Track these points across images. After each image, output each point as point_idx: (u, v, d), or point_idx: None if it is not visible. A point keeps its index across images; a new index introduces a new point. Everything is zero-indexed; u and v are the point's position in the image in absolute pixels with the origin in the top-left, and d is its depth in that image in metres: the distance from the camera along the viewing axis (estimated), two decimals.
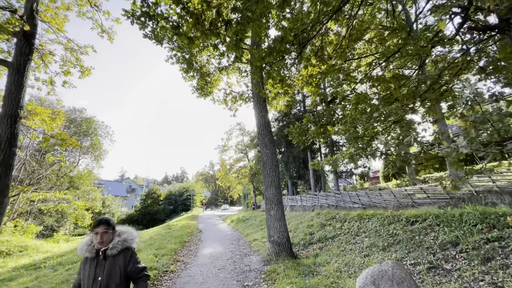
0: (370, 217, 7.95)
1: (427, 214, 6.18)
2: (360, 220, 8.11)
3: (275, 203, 7.62)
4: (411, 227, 6.12)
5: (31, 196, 12.90)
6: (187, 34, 3.99)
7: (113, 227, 2.06)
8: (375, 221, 7.50)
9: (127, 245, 2.01)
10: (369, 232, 7.08)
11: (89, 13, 9.34)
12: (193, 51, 9.98)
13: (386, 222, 7.07)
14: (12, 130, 6.39)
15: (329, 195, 22.27)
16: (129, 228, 2.19)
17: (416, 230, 5.90)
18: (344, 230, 8.02)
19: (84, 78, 9.14)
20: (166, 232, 12.69)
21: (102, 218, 2.10)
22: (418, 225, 6.07)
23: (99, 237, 1.93)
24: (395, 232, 6.27)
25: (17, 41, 6.97)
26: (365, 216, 8.19)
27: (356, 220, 8.29)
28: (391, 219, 7.07)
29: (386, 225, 6.93)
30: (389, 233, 6.40)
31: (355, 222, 8.20)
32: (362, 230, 7.38)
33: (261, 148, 8.39)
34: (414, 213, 6.65)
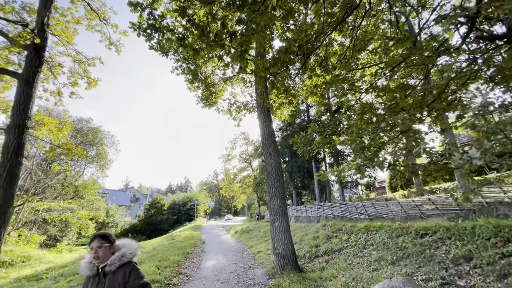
0: (378, 229, 7.74)
1: (437, 227, 5.98)
2: (367, 232, 7.90)
3: (280, 214, 7.49)
4: (421, 240, 5.92)
5: (36, 205, 12.94)
6: (192, 45, 4.04)
7: (110, 241, 1.95)
8: (383, 233, 7.30)
9: (125, 260, 1.89)
10: (377, 244, 6.87)
11: (98, 26, 9.59)
12: (198, 62, 10.12)
13: (395, 234, 6.86)
14: (19, 140, 6.46)
15: (335, 205, 21.90)
16: (128, 241, 2.06)
17: (426, 243, 5.70)
18: (351, 242, 7.81)
19: (91, 89, 9.30)
20: (169, 243, 12.53)
21: (98, 232, 2.02)
22: (428, 238, 5.87)
23: (93, 252, 1.86)
24: (404, 245, 6.07)
25: (27, 53, 7.15)
26: (372, 228, 7.98)
27: (363, 232, 8.08)
28: (400, 231, 6.87)
29: (394, 237, 6.72)
30: (398, 246, 6.20)
31: (362, 234, 7.98)
32: (370, 242, 7.17)
33: (265, 158, 8.33)
34: (424, 225, 6.45)
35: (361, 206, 18.54)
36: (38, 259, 11.21)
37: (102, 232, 2.01)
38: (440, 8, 4.28)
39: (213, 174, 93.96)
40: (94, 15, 9.34)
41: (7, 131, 6.44)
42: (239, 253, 10.42)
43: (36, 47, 7.09)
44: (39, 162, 17.32)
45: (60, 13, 8.73)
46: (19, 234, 13.79)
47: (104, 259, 1.86)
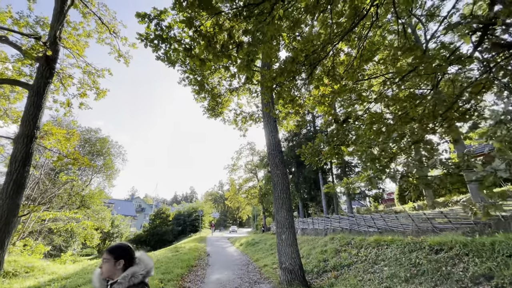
0: (389, 243, 7.43)
1: (453, 242, 5.68)
2: (377, 247, 7.58)
3: (287, 226, 7.27)
4: (436, 256, 5.61)
5: (42, 215, 12.97)
6: (199, 56, 4.04)
7: (117, 256, 1.77)
8: (394, 248, 6.98)
9: (135, 281, 1.68)
10: (388, 260, 6.56)
11: (108, 39, 9.85)
12: (205, 73, 10.23)
13: (407, 249, 6.55)
14: (27, 150, 6.51)
15: (343, 218, 21.34)
16: (145, 257, 1.84)
17: (442, 259, 5.40)
18: (360, 257, 7.49)
19: (100, 100, 9.44)
20: (173, 255, 12.30)
21: (110, 245, 1.89)
22: (443, 254, 5.57)
23: (100, 266, 1.76)
24: (418, 262, 5.76)
25: (39, 65, 7.33)
26: (383, 242, 7.66)
27: (373, 246, 7.76)
28: (412, 246, 6.56)
29: (407, 253, 6.41)
30: (412, 262, 5.89)
31: (372, 248, 7.66)
32: (381, 258, 6.86)
33: (272, 169, 8.20)
34: (438, 240, 6.14)
35: (370, 218, 18.01)
36: (41, 270, 11.09)
37: (111, 246, 1.88)
38: (449, 17, 4.20)
39: (218, 184, 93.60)
40: (105, 28, 9.61)
41: (15, 140, 6.53)
42: (244, 266, 10.13)
43: (47, 59, 7.28)
44: (47, 172, 17.52)
45: (72, 27, 9.02)
46: (25, 244, 13.76)
47: (107, 274, 1.72)
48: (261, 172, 46.72)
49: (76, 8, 8.72)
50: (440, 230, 11.37)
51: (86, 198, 26.23)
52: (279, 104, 5.90)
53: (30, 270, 10.85)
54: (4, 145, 11.07)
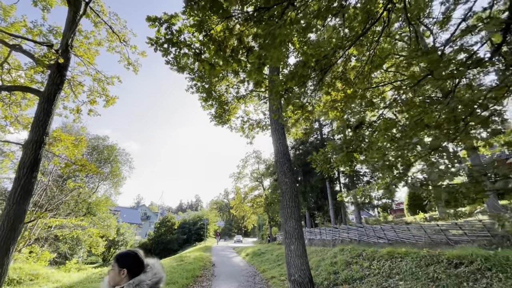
0: (403, 255, 7.09)
1: (474, 256, 5.36)
2: (391, 259, 7.25)
3: (296, 237, 7.02)
4: (456, 271, 5.30)
5: (48, 221, 12.98)
6: (209, 60, 3.99)
7: (121, 264, 1.68)
8: (409, 261, 6.65)
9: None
10: (403, 274, 6.23)
11: (118, 47, 10.00)
12: (213, 81, 10.26)
13: (423, 263, 6.22)
14: (36, 155, 6.52)
15: (351, 228, 20.79)
16: (156, 265, 1.72)
17: (462, 274, 5.08)
18: (373, 270, 7.15)
19: (109, 107, 9.51)
20: (178, 265, 12.07)
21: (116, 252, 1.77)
22: (463, 268, 5.26)
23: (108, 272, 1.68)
24: (436, 276, 5.44)
25: (50, 72, 7.44)
26: (397, 254, 7.33)
27: (386, 258, 7.42)
28: (429, 259, 6.23)
29: (423, 266, 6.08)
30: (429, 276, 5.57)
31: (385, 261, 7.33)
32: (395, 271, 6.53)
33: (280, 177, 8.02)
34: (457, 253, 5.82)
35: (379, 229, 17.49)
36: (46, 278, 11.00)
37: (118, 253, 1.79)
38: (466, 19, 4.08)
39: (224, 193, 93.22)
40: (115, 37, 9.78)
41: (25, 146, 6.55)
42: (251, 278, 9.82)
43: (59, 66, 7.38)
44: (55, 179, 17.69)
45: (84, 35, 9.19)
46: (31, 251, 13.75)
47: (112, 282, 1.65)
48: (267, 180, 46.36)
49: (88, 18, 8.91)
50: (455, 243, 10.89)
51: (93, 205, 26.32)
52: (288, 110, 5.80)
53: (35, 278, 10.77)
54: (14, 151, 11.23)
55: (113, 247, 34.16)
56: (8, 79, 8.15)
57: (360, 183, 22.62)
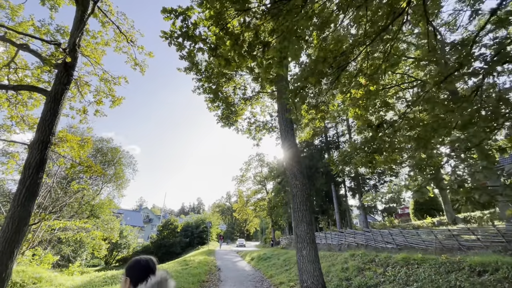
0: (420, 262, 6.79)
1: (499, 263, 5.08)
2: (407, 265, 6.95)
3: (308, 241, 6.77)
4: (480, 279, 5.01)
5: (52, 224, 12.83)
6: (224, 55, 3.82)
7: (127, 272, 1.54)
8: (427, 267, 6.36)
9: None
10: (422, 281, 5.94)
11: (125, 48, 9.91)
12: (221, 81, 10.11)
13: (443, 270, 5.93)
14: (42, 156, 6.37)
15: (358, 232, 20.41)
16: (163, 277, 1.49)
17: (488, 283, 4.80)
18: (388, 277, 6.86)
19: (115, 107, 9.38)
20: (183, 269, 11.82)
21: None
22: (488, 276, 4.97)
23: None
24: (459, 284, 5.16)
25: (57, 72, 7.33)
26: (413, 260, 7.03)
27: (401, 265, 7.13)
28: (449, 266, 5.94)
29: (443, 273, 5.80)
30: (451, 285, 5.29)
31: (401, 267, 7.03)
32: (413, 278, 6.24)
33: (290, 179, 7.79)
34: (479, 260, 5.53)
35: (387, 234, 17.11)
36: (49, 281, 10.80)
37: (128, 263, 1.62)
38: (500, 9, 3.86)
39: (226, 196, 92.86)
40: (122, 37, 9.69)
41: (30, 146, 6.41)
42: (259, 283, 9.54)
43: (66, 65, 7.27)
44: (59, 180, 17.60)
45: (91, 35, 9.11)
46: (34, 254, 13.58)
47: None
48: (270, 184, 46.04)
49: (95, 17, 8.84)
50: (467, 248, 10.54)
51: (96, 207, 26.19)
52: (302, 109, 5.60)
53: (38, 281, 10.57)
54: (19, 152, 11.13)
55: (116, 250, 33.93)
56: (15, 79, 8.05)
57: (366, 187, 22.27)
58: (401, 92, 5.79)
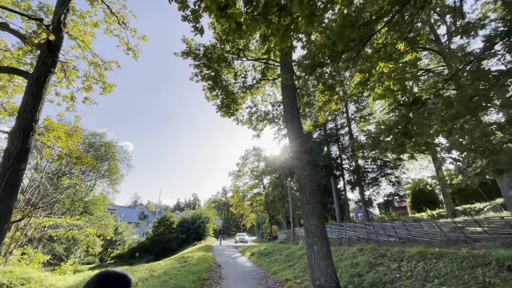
0: (438, 256, 6.37)
1: None
2: (423, 260, 6.53)
3: (319, 236, 6.27)
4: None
5: (41, 221, 12.09)
6: (235, 17, 3.20)
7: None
8: (447, 262, 5.93)
9: None
10: (443, 277, 5.51)
11: (116, 30, 9.14)
12: (222, 65, 9.43)
13: (466, 264, 5.51)
14: (24, 145, 5.67)
15: (358, 226, 20.14)
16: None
17: None
18: (404, 272, 6.42)
19: (106, 94, 8.64)
20: (182, 266, 11.27)
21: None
22: None
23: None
24: (488, 281, 4.72)
25: (40, 52, 6.59)
26: (430, 254, 6.60)
27: (417, 259, 6.70)
28: (472, 260, 5.52)
29: (467, 268, 5.37)
30: (479, 281, 4.85)
31: (417, 262, 6.60)
32: (433, 274, 5.81)
33: (298, 170, 7.25)
34: (509, 254, 5.10)
35: (389, 227, 16.84)
36: (39, 282, 10.11)
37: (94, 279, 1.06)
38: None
39: (222, 191, 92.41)
40: (114, 18, 8.91)
41: (11, 135, 5.70)
42: (263, 280, 9.07)
43: (50, 45, 6.51)
44: (49, 176, 16.77)
45: (78, 15, 8.31)
46: (23, 252, 12.85)
47: None
48: (266, 178, 45.64)
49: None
50: (473, 241, 10.24)
51: (90, 204, 25.39)
52: (317, 91, 5.04)
53: (27, 282, 9.87)
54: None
55: (111, 247, 33.21)
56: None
57: (367, 179, 21.94)
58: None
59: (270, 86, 12.03)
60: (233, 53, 9.08)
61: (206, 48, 9.57)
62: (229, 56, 9.20)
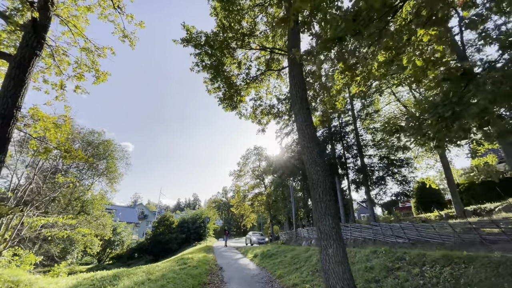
0: (467, 261, 5.70)
1: None
2: (449, 265, 5.85)
3: (334, 238, 5.60)
4: None
5: (33, 221, 11.45)
6: None
7: None
8: (479, 267, 5.26)
9: None
10: (478, 285, 4.84)
11: (111, 15, 8.51)
12: (225, 52, 8.77)
13: (503, 270, 4.84)
14: (3, 134, 5.04)
15: (364, 226, 19.46)
16: None
17: None
18: (429, 278, 5.75)
19: (99, 84, 8.00)
20: (181, 269, 10.61)
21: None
22: None
23: None
24: None
25: (25, 33, 5.95)
26: (457, 259, 5.93)
27: (442, 264, 6.03)
28: (510, 266, 4.84)
29: (506, 275, 4.70)
30: None
31: (442, 267, 5.93)
32: (464, 281, 5.13)
33: (309, 165, 6.58)
34: None
35: (398, 228, 16.17)
36: (28, 285, 9.47)
37: None
38: None
39: (222, 191, 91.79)
40: (109, 3, 8.29)
41: None
42: (268, 285, 8.41)
43: (35, 24, 5.87)
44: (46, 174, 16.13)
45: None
46: (15, 253, 12.21)
47: None
48: (268, 178, 44.97)
49: None
50: (490, 242, 9.61)
51: (87, 203, 24.77)
52: (336, 72, 4.39)
53: (15, 286, 9.22)
54: None
55: (109, 247, 32.54)
56: None
57: (373, 178, 21.25)
58: None
59: (275, 79, 11.39)
60: (236, 39, 8.41)
61: (208, 37, 8.93)
62: (233, 43, 8.55)
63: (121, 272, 10.62)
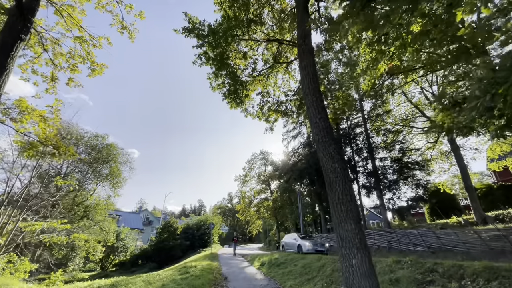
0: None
1: None
2: (497, 279, 4.92)
3: (357, 246, 4.74)
4: None
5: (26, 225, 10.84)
6: None
7: None
8: None
9: None
10: None
11: (109, 5, 8.00)
12: (229, 42, 8.13)
13: None
14: None
15: (378, 233, 18.38)
16: None
17: None
18: None
19: (95, 76, 7.40)
20: (182, 278, 9.79)
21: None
22: None
23: None
24: None
25: (9, 16, 5.40)
26: (505, 272, 4.99)
27: (487, 278, 5.09)
28: None
29: None
30: None
31: (487, 281, 5.00)
32: None
33: (325, 162, 5.78)
34: None
35: (416, 234, 15.10)
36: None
37: None
38: None
39: (227, 197, 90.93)
40: None
41: None
42: None
43: (20, 5, 5.33)
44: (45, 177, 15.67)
45: None
46: (9, 260, 11.58)
47: None
48: (274, 183, 44.06)
49: None
50: None
51: (90, 208, 24.26)
52: (363, 44, 3.64)
53: None
54: None
55: (113, 253, 31.82)
56: None
57: (385, 181, 20.17)
58: None
59: (283, 74, 10.69)
60: (243, 25, 7.76)
61: (211, 27, 8.33)
62: (239, 31, 7.90)
63: (119, 281, 9.85)
